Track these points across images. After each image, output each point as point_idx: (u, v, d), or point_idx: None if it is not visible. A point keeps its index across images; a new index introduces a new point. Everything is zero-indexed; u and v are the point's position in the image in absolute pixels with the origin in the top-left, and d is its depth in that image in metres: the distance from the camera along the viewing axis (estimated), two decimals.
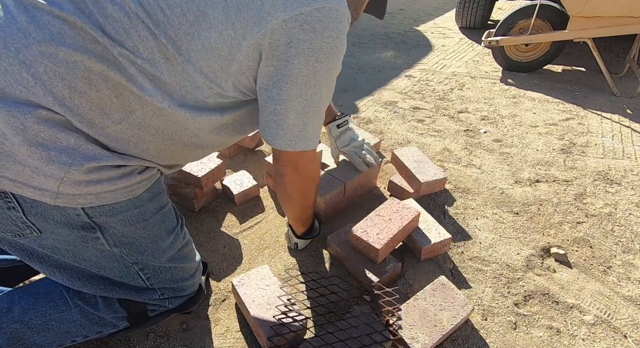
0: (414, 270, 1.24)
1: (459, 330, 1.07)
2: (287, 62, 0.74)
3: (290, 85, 0.77)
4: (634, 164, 1.77)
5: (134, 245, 0.86)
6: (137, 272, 0.90)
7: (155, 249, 0.90)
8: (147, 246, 0.88)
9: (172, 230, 0.93)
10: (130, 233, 0.84)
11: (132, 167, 0.79)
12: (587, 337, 1.06)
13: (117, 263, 0.87)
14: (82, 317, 0.90)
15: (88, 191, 0.74)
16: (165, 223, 0.91)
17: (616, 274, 1.25)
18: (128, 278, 0.91)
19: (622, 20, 2.18)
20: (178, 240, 0.95)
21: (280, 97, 0.78)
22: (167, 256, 0.92)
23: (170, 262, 0.94)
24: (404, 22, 4.03)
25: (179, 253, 0.96)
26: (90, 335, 0.93)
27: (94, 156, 0.72)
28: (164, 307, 0.98)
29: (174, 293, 0.98)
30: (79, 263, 0.85)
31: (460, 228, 1.41)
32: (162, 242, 0.90)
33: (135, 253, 0.87)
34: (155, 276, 0.93)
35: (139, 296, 0.94)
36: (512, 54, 2.69)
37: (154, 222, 0.88)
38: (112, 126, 0.73)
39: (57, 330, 0.89)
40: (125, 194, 0.79)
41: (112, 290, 0.90)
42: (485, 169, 1.74)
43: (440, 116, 2.18)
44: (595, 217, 1.47)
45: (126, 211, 0.81)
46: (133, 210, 0.83)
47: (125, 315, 0.94)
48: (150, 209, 0.86)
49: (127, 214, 0.82)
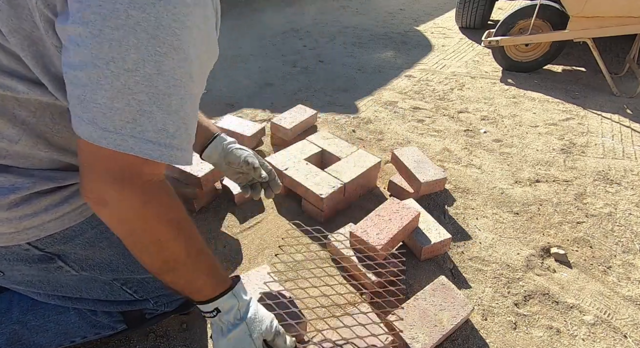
0: (414, 270, 1.24)
1: (459, 330, 1.07)
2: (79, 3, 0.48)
3: (91, 43, 0.49)
4: (634, 164, 1.77)
5: (103, 265, 0.80)
6: (120, 288, 0.86)
7: (129, 264, 0.83)
8: (118, 263, 0.81)
9: None
10: (94, 255, 0.77)
11: (73, 188, 0.69)
12: (587, 337, 1.06)
13: (96, 282, 0.83)
14: (80, 320, 0.90)
15: (26, 226, 0.65)
16: None
17: (616, 274, 1.25)
18: (115, 295, 0.88)
19: (622, 20, 2.18)
20: None
21: (80, 58, 0.50)
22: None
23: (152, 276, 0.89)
24: (404, 22, 4.03)
25: None
26: (88, 336, 0.93)
27: (10, 187, 0.61)
28: (161, 310, 0.97)
29: (167, 299, 0.96)
30: (60, 290, 0.82)
31: (460, 228, 1.41)
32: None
33: (109, 272, 0.81)
34: (142, 288, 0.90)
35: (132, 307, 0.92)
36: (512, 54, 2.69)
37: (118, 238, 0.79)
38: (13, 146, 0.62)
39: (56, 331, 0.88)
40: (74, 218, 0.71)
41: (104, 306, 0.89)
42: (485, 169, 1.74)
43: (440, 116, 2.18)
44: (595, 217, 1.47)
45: (81, 234, 0.74)
46: (90, 232, 0.75)
47: (122, 319, 0.94)
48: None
49: (84, 237, 0.74)
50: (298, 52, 3.18)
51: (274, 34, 3.60)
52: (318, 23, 4.00)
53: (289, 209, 1.48)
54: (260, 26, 3.81)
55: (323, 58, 3.04)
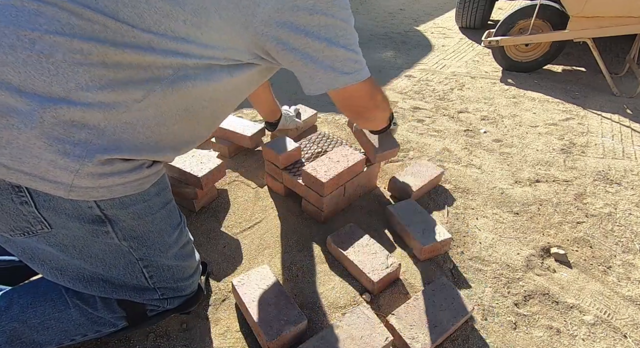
0: (414, 270, 1.24)
1: (459, 330, 1.07)
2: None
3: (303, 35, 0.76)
4: (634, 164, 1.77)
5: (142, 238, 0.87)
6: (141, 269, 0.91)
7: (162, 243, 0.91)
8: (154, 240, 0.89)
9: (177, 226, 0.95)
10: (138, 226, 0.85)
11: (141, 161, 0.80)
12: (587, 337, 1.06)
13: (123, 259, 0.88)
14: (81, 316, 0.90)
15: (100, 184, 0.74)
16: (170, 218, 0.92)
17: (616, 274, 1.25)
18: (131, 277, 0.91)
19: (622, 20, 2.18)
20: (182, 237, 0.97)
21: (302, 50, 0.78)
22: (172, 251, 0.93)
23: (174, 259, 0.94)
24: (404, 22, 4.03)
25: (182, 251, 0.97)
26: (89, 333, 0.93)
27: (106, 148, 0.72)
28: (163, 307, 0.98)
29: (173, 293, 0.98)
30: (84, 260, 0.85)
31: (460, 228, 1.41)
32: (168, 236, 0.91)
33: (143, 248, 0.88)
34: (157, 274, 0.93)
35: (139, 296, 0.94)
36: (512, 54, 2.69)
37: (160, 217, 0.89)
38: (134, 106, 0.73)
39: (56, 329, 0.89)
40: (134, 188, 0.80)
41: (113, 291, 0.91)
42: (485, 169, 1.74)
43: (440, 116, 2.18)
44: (595, 217, 1.47)
45: (135, 204, 0.83)
46: (141, 204, 0.84)
47: (124, 315, 0.94)
48: (157, 203, 0.88)
49: (136, 208, 0.83)
50: None
51: None
52: None
53: (289, 209, 1.48)
54: None
55: None
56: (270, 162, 1.50)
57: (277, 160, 1.45)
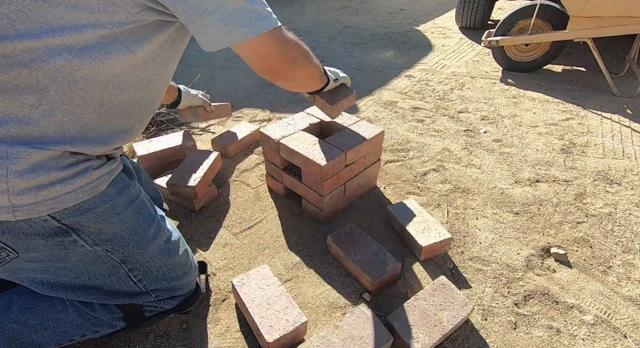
0: (414, 270, 1.24)
1: (459, 330, 1.07)
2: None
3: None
4: (634, 164, 1.77)
5: (115, 239, 0.85)
6: (126, 273, 0.89)
7: (138, 241, 0.88)
8: (128, 238, 0.86)
9: (151, 221, 0.91)
10: (106, 229, 0.82)
11: (84, 166, 0.76)
12: (587, 337, 1.06)
13: (105, 264, 0.86)
14: (79, 318, 0.90)
15: (45, 196, 0.71)
16: (141, 214, 0.89)
17: (616, 274, 1.25)
18: (119, 283, 0.89)
19: (622, 20, 2.18)
20: (161, 231, 0.94)
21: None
22: (153, 248, 0.91)
23: (158, 256, 0.92)
24: (404, 22, 4.03)
25: (165, 246, 0.94)
26: (87, 334, 0.93)
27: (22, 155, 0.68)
28: (161, 307, 0.98)
29: (168, 293, 0.97)
30: (68, 273, 0.84)
31: (460, 228, 1.41)
32: (143, 233, 0.89)
33: (120, 248, 0.86)
34: (146, 277, 0.92)
35: (134, 301, 0.93)
36: (512, 54, 2.69)
37: (129, 215, 0.86)
38: (34, 111, 0.68)
39: (55, 330, 0.89)
40: (87, 192, 0.77)
41: (106, 298, 0.90)
42: (485, 169, 1.74)
43: (440, 116, 2.18)
44: (595, 217, 1.47)
45: (95, 208, 0.79)
46: (102, 206, 0.81)
47: (122, 316, 0.94)
48: (121, 202, 0.84)
49: (97, 211, 0.80)
50: None
51: None
52: (318, 23, 4.00)
53: (289, 209, 1.48)
54: None
55: (323, 58, 3.04)
56: (270, 161, 1.50)
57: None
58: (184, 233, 1.37)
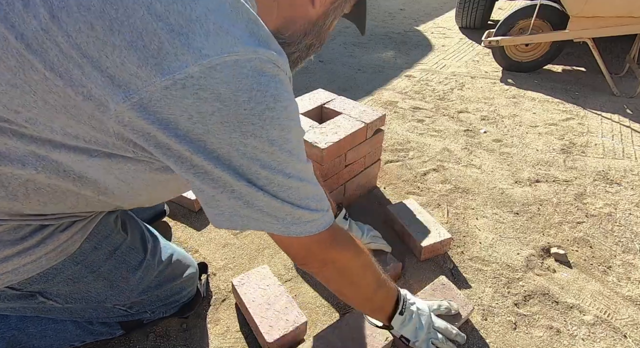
0: (414, 270, 1.24)
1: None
2: (202, 142, 0.48)
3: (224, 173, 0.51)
4: (634, 164, 1.77)
5: (90, 297, 0.76)
6: (112, 308, 0.85)
7: (118, 293, 0.80)
8: (106, 294, 0.78)
9: (137, 267, 0.82)
10: (80, 289, 0.74)
11: (48, 230, 0.64)
12: (587, 337, 1.06)
13: (86, 306, 0.80)
14: (78, 328, 0.90)
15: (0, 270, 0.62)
16: (125, 263, 0.79)
17: (616, 274, 1.25)
18: (109, 314, 0.87)
19: (622, 20, 2.18)
20: (150, 270, 0.85)
21: (218, 184, 0.52)
22: (137, 292, 0.84)
23: (144, 293, 0.87)
24: (404, 22, 4.03)
25: (156, 280, 0.88)
26: (87, 340, 0.94)
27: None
28: (159, 316, 0.98)
29: (166, 307, 0.96)
30: (51, 314, 0.80)
31: (460, 228, 1.41)
32: (125, 283, 0.80)
33: (95, 303, 0.79)
34: (136, 304, 0.88)
35: (130, 318, 0.93)
36: (512, 54, 2.69)
37: (108, 269, 0.76)
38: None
39: (54, 338, 0.89)
40: (53, 258, 0.66)
41: (103, 319, 0.89)
42: (485, 169, 1.74)
43: (440, 116, 2.18)
44: (595, 217, 1.47)
45: (63, 272, 0.69)
46: (73, 268, 0.70)
47: (120, 327, 0.94)
48: (98, 258, 0.74)
49: (67, 273, 0.70)
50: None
51: None
52: None
53: None
54: None
55: (323, 58, 3.04)
56: None
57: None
58: (184, 233, 1.37)
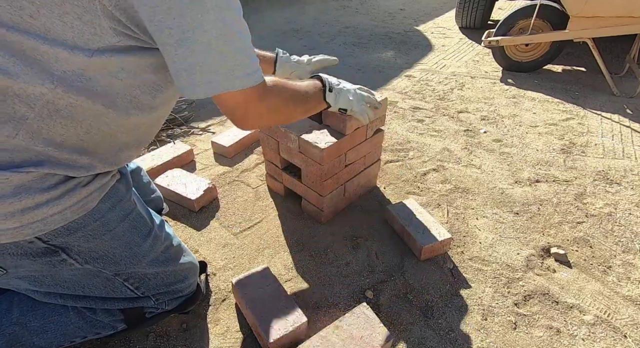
0: (414, 270, 1.24)
1: (459, 330, 1.07)
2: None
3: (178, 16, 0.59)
4: (634, 164, 1.77)
5: (107, 257, 0.81)
6: (122, 283, 0.87)
7: (131, 257, 0.85)
8: (121, 255, 0.83)
9: (147, 234, 0.88)
10: (97, 247, 0.79)
11: (71, 183, 0.71)
12: (587, 337, 1.06)
13: (98, 278, 0.84)
14: (81, 320, 0.90)
15: (30, 219, 0.67)
16: (136, 229, 0.85)
17: (616, 274, 1.25)
18: (116, 292, 0.88)
19: (622, 20, 2.18)
20: (158, 243, 0.91)
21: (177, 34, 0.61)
22: (147, 260, 0.88)
23: (154, 267, 0.90)
24: (404, 22, 4.03)
25: (163, 256, 0.92)
26: (88, 335, 0.93)
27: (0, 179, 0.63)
28: (162, 308, 0.98)
29: (169, 296, 0.97)
30: (62, 287, 0.83)
31: (460, 228, 1.41)
32: (137, 248, 0.86)
33: (111, 265, 0.83)
34: (143, 284, 0.91)
35: (134, 305, 0.93)
36: (512, 54, 2.69)
37: (122, 231, 0.82)
38: (9, 141, 0.64)
39: (56, 332, 0.89)
40: (76, 211, 0.73)
41: (106, 303, 0.90)
42: (485, 169, 1.74)
43: (440, 116, 2.18)
44: (595, 217, 1.47)
45: (84, 227, 0.75)
46: (93, 224, 0.77)
47: (122, 317, 0.94)
48: (114, 219, 0.80)
49: (87, 229, 0.76)
50: (298, 52, 3.17)
51: (274, 34, 3.60)
52: (318, 23, 4.00)
53: (289, 209, 1.48)
54: (260, 26, 3.81)
55: None
56: (270, 162, 1.50)
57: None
58: (184, 233, 1.37)
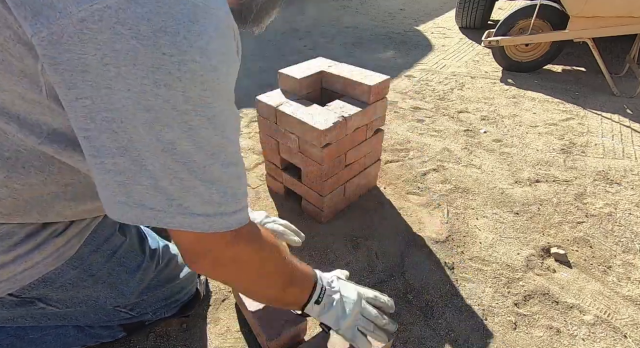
0: (414, 270, 1.24)
1: (459, 330, 1.07)
2: (109, 89, 0.41)
3: (127, 127, 0.44)
4: (634, 164, 1.77)
5: (90, 301, 0.76)
6: (114, 310, 0.84)
7: (118, 295, 0.80)
8: (106, 296, 0.78)
9: (136, 269, 0.81)
10: (79, 293, 0.73)
11: (44, 234, 0.63)
12: (587, 337, 1.06)
13: (87, 310, 0.79)
14: (79, 333, 0.89)
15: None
16: (123, 266, 0.79)
17: (616, 274, 1.25)
18: (110, 318, 0.86)
19: (622, 20, 2.18)
20: (149, 272, 0.85)
21: (118, 145, 0.45)
22: (137, 293, 0.84)
23: (146, 293, 0.87)
24: (404, 22, 4.03)
25: (155, 280, 0.88)
26: (89, 343, 0.93)
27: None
28: (161, 316, 0.98)
29: (167, 307, 0.96)
30: (49, 322, 0.79)
31: (460, 228, 1.41)
32: (124, 285, 0.80)
33: (96, 306, 0.78)
34: (137, 306, 0.88)
35: (132, 321, 0.92)
36: (512, 54, 2.69)
37: (107, 272, 0.76)
38: None
39: (54, 343, 0.87)
40: (50, 264, 0.65)
41: (104, 322, 0.88)
42: (485, 169, 1.74)
43: (440, 116, 2.18)
44: (595, 217, 1.47)
45: (62, 276, 0.69)
46: (71, 273, 0.70)
47: (122, 328, 0.94)
48: (97, 261, 0.73)
49: (65, 279, 0.69)
50: (298, 52, 3.18)
51: (274, 34, 3.60)
52: (318, 23, 4.00)
53: (289, 209, 1.48)
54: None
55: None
56: (270, 162, 1.50)
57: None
58: None
